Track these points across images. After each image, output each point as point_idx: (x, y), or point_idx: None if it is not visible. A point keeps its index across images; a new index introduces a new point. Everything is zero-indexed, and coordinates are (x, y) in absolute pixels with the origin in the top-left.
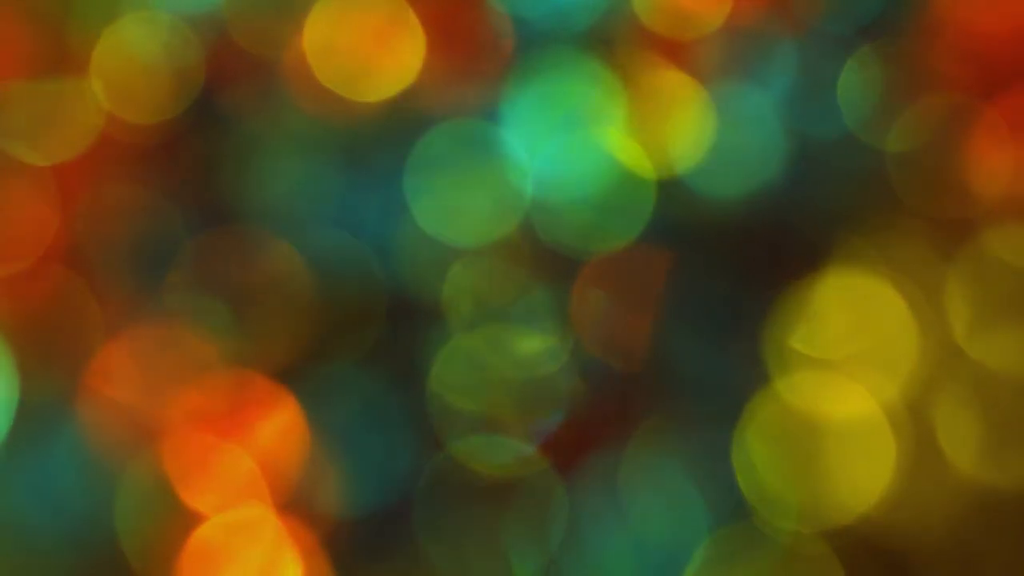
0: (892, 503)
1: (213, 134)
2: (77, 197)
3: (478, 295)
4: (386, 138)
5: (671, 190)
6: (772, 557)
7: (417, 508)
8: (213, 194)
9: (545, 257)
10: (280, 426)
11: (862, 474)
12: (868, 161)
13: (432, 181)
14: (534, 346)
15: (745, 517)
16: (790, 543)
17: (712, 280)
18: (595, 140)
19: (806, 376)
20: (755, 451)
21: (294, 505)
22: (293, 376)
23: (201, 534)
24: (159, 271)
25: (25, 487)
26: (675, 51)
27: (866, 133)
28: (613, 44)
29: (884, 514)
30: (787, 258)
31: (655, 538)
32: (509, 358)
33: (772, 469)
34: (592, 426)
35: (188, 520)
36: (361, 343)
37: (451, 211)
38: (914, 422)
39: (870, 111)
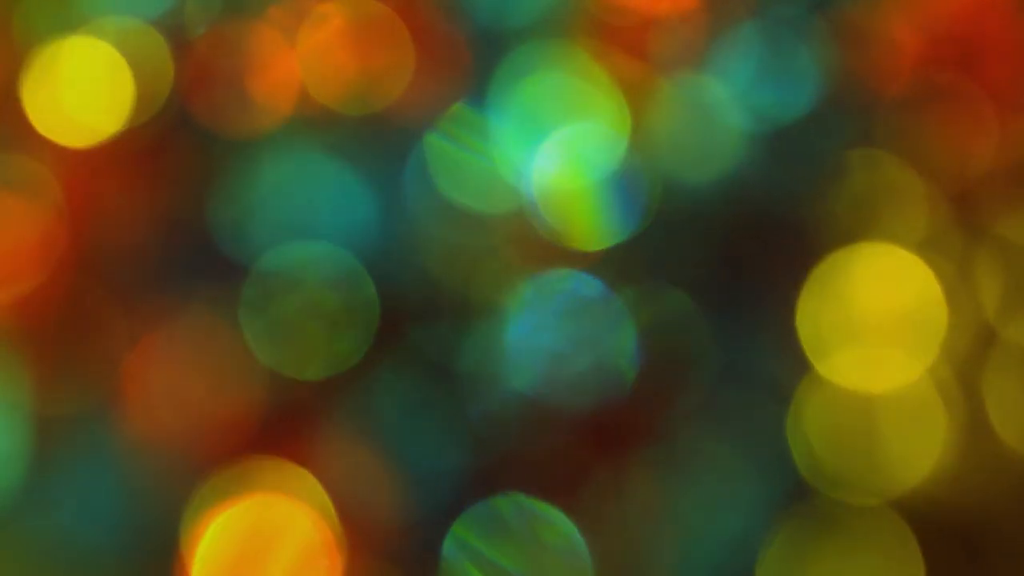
0: (948, 471)
1: (193, 140)
2: (82, 206)
3: (498, 289)
4: (376, 142)
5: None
6: (845, 532)
7: (465, 507)
8: (209, 201)
9: (556, 251)
10: (316, 433)
11: (915, 442)
12: (842, 139)
13: (431, 182)
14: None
15: (806, 497)
16: (860, 518)
17: (709, 268)
18: (585, 135)
19: (845, 354)
20: (810, 432)
21: (340, 509)
22: (327, 381)
23: (243, 539)
24: (180, 277)
25: (61, 499)
26: (631, 41)
27: (833, 111)
28: (571, 38)
29: (943, 482)
30: (775, 241)
31: (724, 528)
32: (540, 351)
33: (828, 447)
34: (634, 418)
35: (229, 525)
36: (386, 347)
37: (450, 210)
38: (956, 392)
39: (835, 89)
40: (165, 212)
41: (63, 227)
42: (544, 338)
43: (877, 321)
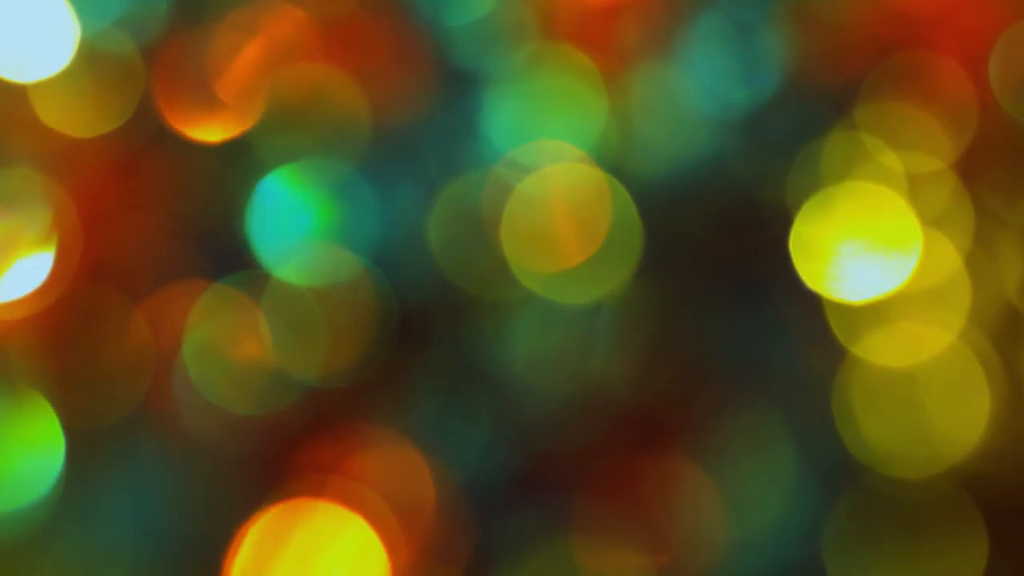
0: (996, 437)
1: (174, 144)
2: (91, 215)
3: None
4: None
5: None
6: (904, 506)
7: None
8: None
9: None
10: (353, 438)
11: (959, 408)
12: (817, 121)
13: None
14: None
15: (861, 477)
16: (916, 490)
17: (706, 259)
18: (568, 131)
19: (875, 331)
20: (855, 411)
21: (385, 513)
22: (359, 386)
23: (288, 547)
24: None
25: (95, 514)
26: (594, 34)
27: (797, 93)
28: (539, 34)
29: (994, 448)
30: (764, 227)
31: (785, 514)
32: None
33: (875, 424)
34: (671, 412)
35: (272, 533)
36: (414, 352)
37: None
38: (992, 356)
39: (803, 72)
40: (174, 217)
41: (75, 237)
42: (555, 336)
43: (900, 295)
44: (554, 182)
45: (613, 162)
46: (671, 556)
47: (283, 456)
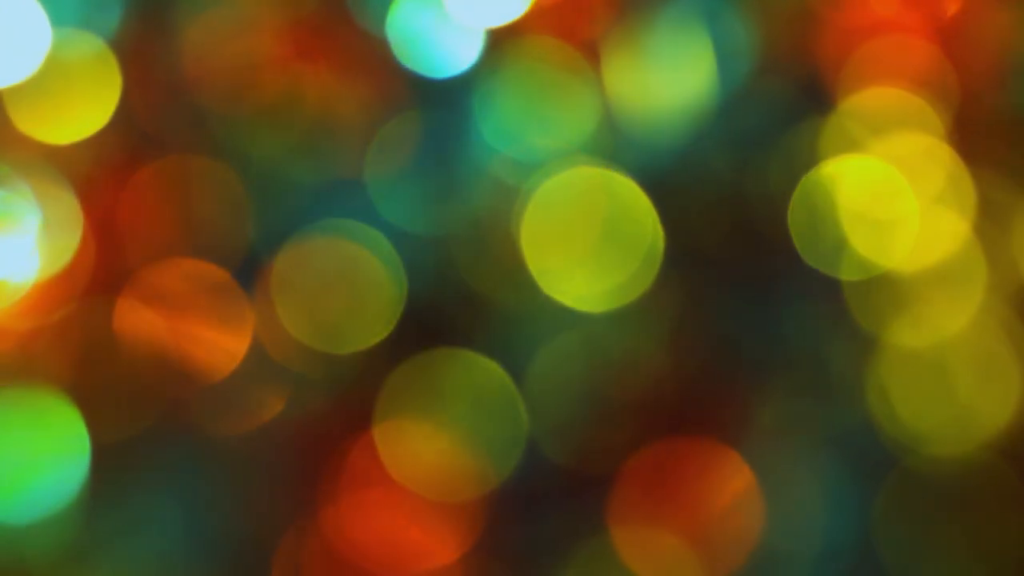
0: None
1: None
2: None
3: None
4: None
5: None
6: (948, 484)
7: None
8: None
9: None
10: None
11: (989, 381)
12: (800, 104)
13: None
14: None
15: (901, 460)
16: (957, 466)
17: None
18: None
19: (900, 314)
20: (887, 395)
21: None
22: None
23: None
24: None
25: (125, 526)
26: (566, 29)
27: (781, 80)
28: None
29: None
30: (768, 216)
31: (831, 505)
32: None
33: (908, 406)
34: (699, 406)
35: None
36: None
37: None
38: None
39: (783, 59)
40: (179, 222)
41: (86, 245)
42: (579, 333)
43: (915, 274)
44: (566, 181)
45: (611, 158)
46: (716, 547)
47: (317, 460)
